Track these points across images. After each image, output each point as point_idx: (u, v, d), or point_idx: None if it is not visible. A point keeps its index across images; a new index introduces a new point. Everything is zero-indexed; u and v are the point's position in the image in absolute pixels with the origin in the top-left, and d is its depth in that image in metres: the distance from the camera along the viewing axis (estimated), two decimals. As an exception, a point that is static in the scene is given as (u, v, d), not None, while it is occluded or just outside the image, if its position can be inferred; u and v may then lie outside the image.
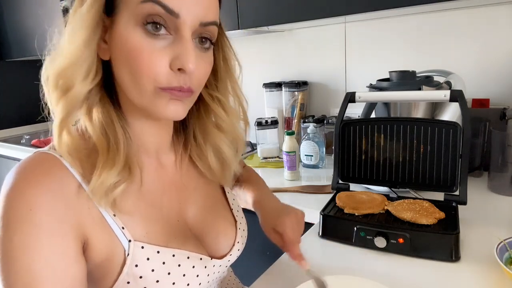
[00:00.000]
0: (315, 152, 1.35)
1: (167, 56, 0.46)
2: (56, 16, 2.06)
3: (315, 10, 1.19)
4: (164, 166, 0.61)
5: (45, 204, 0.45)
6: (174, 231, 0.56)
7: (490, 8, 1.20)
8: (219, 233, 0.63)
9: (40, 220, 0.44)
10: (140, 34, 0.45)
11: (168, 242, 0.54)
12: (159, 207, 0.57)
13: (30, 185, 0.45)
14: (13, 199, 0.44)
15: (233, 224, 0.67)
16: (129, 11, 0.45)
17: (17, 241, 0.43)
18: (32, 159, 0.48)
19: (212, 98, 0.59)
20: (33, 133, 2.53)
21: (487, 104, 1.17)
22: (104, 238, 0.49)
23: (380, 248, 0.76)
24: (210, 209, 0.65)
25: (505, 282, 0.64)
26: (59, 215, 0.45)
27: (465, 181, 0.82)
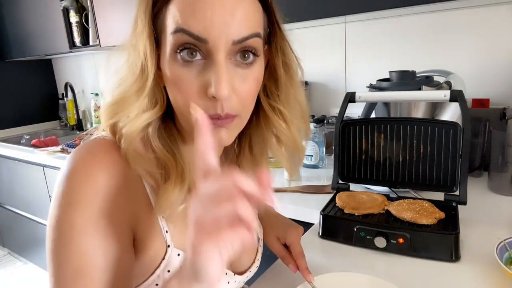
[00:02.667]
0: (315, 152, 1.34)
1: (201, 83, 0.45)
2: (56, 16, 2.06)
3: (315, 10, 1.19)
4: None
5: (111, 190, 0.45)
6: None
7: (490, 8, 1.20)
8: (243, 251, 0.63)
9: (104, 205, 0.44)
10: (177, 63, 0.45)
11: None
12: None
13: (100, 169, 0.45)
14: (80, 179, 0.44)
15: (255, 242, 0.66)
16: (166, 42, 0.46)
17: (77, 223, 0.43)
18: (100, 143, 0.48)
19: (273, 109, 0.55)
20: (33, 133, 2.54)
21: (487, 104, 1.17)
22: (153, 239, 0.49)
23: (380, 248, 0.76)
24: None
25: (505, 282, 0.64)
26: (121, 204, 0.46)
27: (465, 181, 0.82)
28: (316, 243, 0.84)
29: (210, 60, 0.45)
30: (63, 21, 2.04)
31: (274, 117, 0.54)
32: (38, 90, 2.75)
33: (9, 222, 2.49)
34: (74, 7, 2.01)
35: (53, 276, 0.44)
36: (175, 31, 0.44)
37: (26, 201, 2.25)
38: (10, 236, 2.58)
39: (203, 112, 0.41)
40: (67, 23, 2.05)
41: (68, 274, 0.43)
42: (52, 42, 2.16)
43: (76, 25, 2.03)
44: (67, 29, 2.05)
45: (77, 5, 2.02)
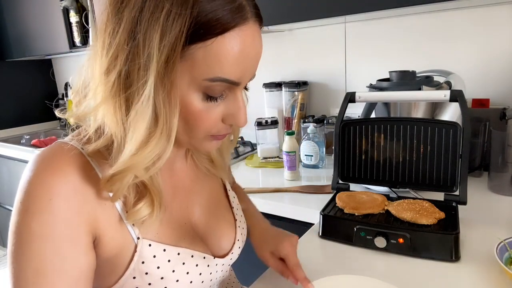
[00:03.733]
0: (315, 152, 1.35)
1: (222, 113, 0.50)
2: (56, 16, 2.06)
3: (315, 10, 1.19)
4: (176, 172, 0.63)
5: (65, 195, 0.46)
6: (182, 233, 0.59)
7: (490, 8, 1.20)
8: (221, 234, 0.65)
9: (58, 210, 0.45)
10: (200, 99, 0.47)
11: (177, 243, 0.57)
12: (170, 210, 0.59)
13: (53, 175, 0.46)
14: (35, 186, 0.45)
15: (233, 223, 0.68)
16: (192, 79, 0.46)
17: (34, 228, 0.45)
18: (56, 148, 0.49)
19: None
20: (33, 133, 2.53)
21: (487, 104, 1.17)
22: (117, 235, 0.51)
23: (380, 248, 0.76)
24: (213, 211, 0.66)
25: (505, 282, 0.64)
26: (76, 207, 0.46)
27: (465, 181, 0.82)
28: (316, 243, 0.84)
29: (230, 95, 0.49)
30: (63, 21, 2.04)
31: None
32: (38, 90, 2.75)
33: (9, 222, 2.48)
34: (74, 7, 2.01)
35: (14, 277, 0.45)
36: (215, 79, 0.45)
37: (26, 201, 2.25)
38: (10, 236, 2.58)
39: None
40: (67, 23, 2.05)
41: (29, 275, 0.45)
42: (52, 42, 2.16)
43: (76, 25, 2.03)
44: (67, 29, 2.05)
45: (77, 5, 2.02)
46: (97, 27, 0.48)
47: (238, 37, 0.44)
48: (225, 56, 0.44)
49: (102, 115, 0.48)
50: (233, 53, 0.45)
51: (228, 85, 0.47)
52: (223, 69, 0.45)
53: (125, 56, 0.44)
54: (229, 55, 0.45)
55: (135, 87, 0.44)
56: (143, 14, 0.43)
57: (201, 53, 0.44)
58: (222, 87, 0.47)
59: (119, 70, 0.44)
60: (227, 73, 0.46)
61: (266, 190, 1.19)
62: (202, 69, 0.45)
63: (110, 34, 0.45)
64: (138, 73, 0.44)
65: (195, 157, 0.66)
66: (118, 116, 0.46)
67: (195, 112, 0.48)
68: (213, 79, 0.45)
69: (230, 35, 0.44)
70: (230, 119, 0.50)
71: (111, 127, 0.47)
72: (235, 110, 0.50)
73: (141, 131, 0.45)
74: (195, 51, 0.44)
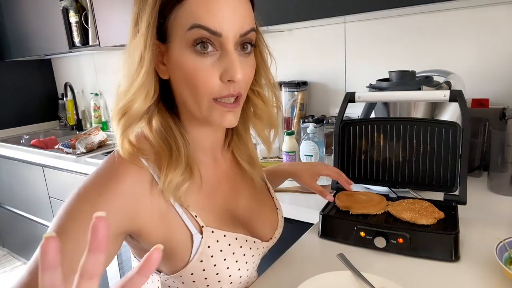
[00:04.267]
0: (314, 152, 1.34)
1: (217, 71, 0.54)
2: (56, 16, 2.06)
3: (315, 10, 1.19)
4: (219, 162, 0.69)
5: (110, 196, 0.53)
6: (225, 220, 0.65)
7: (490, 8, 1.20)
8: (265, 220, 0.72)
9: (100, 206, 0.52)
10: (192, 55, 0.53)
11: (221, 227, 0.63)
12: (214, 199, 0.65)
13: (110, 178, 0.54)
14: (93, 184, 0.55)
15: (275, 210, 0.76)
16: (179, 38, 0.53)
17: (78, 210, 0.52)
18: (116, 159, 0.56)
19: (252, 92, 0.65)
20: (32, 133, 2.53)
21: (486, 104, 1.17)
22: (164, 225, 0.58)
23: (380, 248, 0.76)
24: (256, 199, 0.73)
25: (505, 282, 0.64)
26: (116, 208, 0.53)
27: (465, 181, 0.82)
28: (316, 243, 0.84)
29: (222, 51, 0.54)
30: (63, 21, 2.04)
31: (253, 97, 0.65)
32: (37, 90, 2.75)
33: (9, 222, 2.49)
34: (73, 7, 2.01)
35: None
36: (191, 27, 0.51)
37: (26, 201, 2.25)
38: (9, 236, 2.58)
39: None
40: (66, 23, 2.05)
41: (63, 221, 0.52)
42: (52, 42, 2.16)
43: (75, 25, 2.03)
44: (66, 29, 2.05)
45: (77, 5, 2.02)
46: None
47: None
48: (199, 6, 0.51)
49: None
50: (205, 2, 0.51)
51: (209, 35, 0.52)
52: (199, 17, 0.51)
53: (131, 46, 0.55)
54: (203, 4, 0.51)
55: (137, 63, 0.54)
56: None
57: (180, 12, 0.52)
58: (201, 35, 0.52)
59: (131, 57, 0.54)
60: (203, 20, 0.51)
61: (266, 190, 1.19)
62: (183, 23, 0.52)
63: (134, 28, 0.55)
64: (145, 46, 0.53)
65: (236, 153, 0.72)
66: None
67: (191, 69, 0.53)
68: (191, 26, 0.51)
69: None
70: (225, 75, 0.54)
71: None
72: (229, 64, 0.53)
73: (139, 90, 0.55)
74: (176, 13, 0.52)
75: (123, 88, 0.55)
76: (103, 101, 2.54)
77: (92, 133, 1.98)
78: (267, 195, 0.78)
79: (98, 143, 1.97)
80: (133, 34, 0.55)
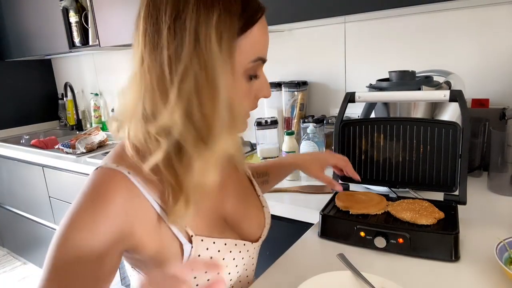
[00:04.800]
0: (315, 152, 1.34)
1: (255, 90, 0.59)
2: (56, 16, 2.06)
3: (315, 10, 1.19)
4: None
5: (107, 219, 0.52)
6: (214, 224, 0.66)
7: (490, 8, 1.20)
8: (251, 220, 0.72)
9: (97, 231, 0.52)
10: (244, 80, 0.56)
11: (210, 233, 0.63)
12: (204, 204, 0.64)
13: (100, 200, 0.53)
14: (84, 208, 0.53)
15: (261, 209, 0.76)
16: (240, 65, 0.54)
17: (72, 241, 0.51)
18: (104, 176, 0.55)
19: None
20: (32, 133, 2.54)
21: (486, 104, 1.17)
22: (157, 238, 0.58)
23: (380, 248, 0.76)
24: (242, 199, 0.73)
25: (505, 282, 0.64)
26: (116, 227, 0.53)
27: (465, 181, 0.82)
28: (315, 243, 0.84)
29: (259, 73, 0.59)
30: (63, 21, 2.04)
31: None
32: (37, 90, 2.75)
33: (9, 222, 2.49)
34: (73, 7, 2.01)
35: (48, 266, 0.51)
36: (256, 60, 0.56)
37: (26, 201, 2.25)
38: (9, 236, 2.58)
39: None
40: (66, 23, 2.05)
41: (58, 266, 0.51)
42: (52, 42, 2.16)
43: (75, 25, 2.03)
44: (66, 29, 2.05)
45: (77, 5, 2.02)
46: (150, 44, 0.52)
47: (262, 24, 0.56)
48: (259, 40, 0.56)
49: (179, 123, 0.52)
50: (262, 36, 0.56)
51: (260, 63, 0.57)
52: (260, 50, 0.56)
53: (196, 62, 0.50)
54: (262, 38, 0.56)
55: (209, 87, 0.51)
56: (200, 22, 0.50)
57: (245, 42, 0.54)
58: (258, 66, 0.57)
59: (192, 76, 0.50)
60: (262, 53, 0.57)
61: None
62: (247, 54, 0.54)
63: (177, 47, 0.50)
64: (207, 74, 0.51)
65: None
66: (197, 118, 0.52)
67: (242, 94, 0.57)
68: (255, 59, 0.55)
69: (259, 23, 0.55)
70: (259, 93, 0.59)
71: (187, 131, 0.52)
72: (263, 84, 0.59)
73: (220, 123, 0.52)
74: (240, 42, 0.53)
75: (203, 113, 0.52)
76: (103, 101, 2.54)
77: (92, 133, 1.99)
78: (253, 193, 0.78)
79: (98, 143, 1.97)
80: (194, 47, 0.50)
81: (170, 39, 0.50)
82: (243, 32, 0.53)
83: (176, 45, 0.50)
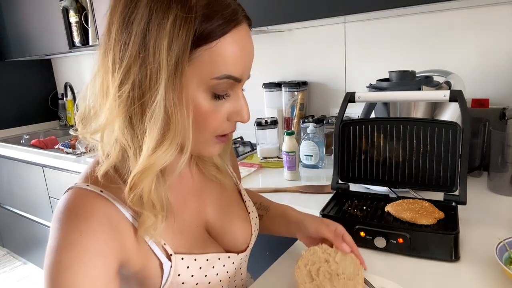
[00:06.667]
0: (314, 152, 1.35)
1: (227, 112, 0.54)
2: (56, 16, 2.06)
3: (315, 10, 1.19)
4: (184, 178, 0.65)
5: (92, 230, 0.49)
6: (195, 238, 0.63)
7: (490, 8, 1.20)
8: (236, 231, 0.68)
9: (87, 243, 0.49)
10: (208, 98, 0.51)
11: (191, 249, 0.60)
12: (182, 218, 0.62)
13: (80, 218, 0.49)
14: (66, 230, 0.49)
15: (247, 218, 0.71)
16: (200, 80, 0.49)
17: (65, 260, 0.48)
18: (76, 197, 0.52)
19: None
20: (32, 133, 2.53)
21: (486, 104, 1.17)
22: (140, 254, 0.55)
23: (380, 248, 0.76)
24: (225, 208, 0.69)
25: (505, 282, 0.64)
26: (103, 239, 0.50)
27: (465, 181, 0.82)
28: (315, 243, 0.84)
29: (233, 93, 0.53)
30: (63, 21, 2.04)
31: None
32: (37, 90, 2.75)
33: (9, 222, 2.48)
34: (73, 7, 2.01)
35: None
36: (222, 77, 0.50)
37: (26, 201, 2.25)
38: (9, 236, 2.58)
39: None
40: (66, 23, 2.05)
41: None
42: (52, 42, 2.16)
43: (75, 25, 2.03)
44: (66, 29, 2.05)
45: (77, 5, 2.02)
46: (103, 45, 0.50)
47: (236, 37, 0.50)
48: (228, 55, 0.49)
49: (117, 128, 0.49)
50: (234, 51, 0.50)
51: (232, 82, 0.51)
52: (228, 66, 0.50)
53: (138, 67, 0.47)
54: (232, 53, 0.49)
55: (148, 94, 0.47)
56: (151, 25, 0.46)
57: (207, 54, 0.48)
58: (228, 85, 0.51)
59: (132, 81, 0.47)
60: (231, 70, 0.50)
61: (266, 190, 1.19)
62: (209, 69, 0.49)
63: (121, 48, 0.47)
64: (150, 81, 0.47)
65: (201, 165, 0.68)
66: (135, 125, 0.49)
67: (204, 113, 0.51)
68: (219, 77, 0.49)
69: (230, 36, 0.49)
70: (234, 116, 0.54)
71: (126, 139, 0.50)
72: (239, 107, 0.54)
73: (155, 134, 0.48)
74: (201, 53, 0.48)
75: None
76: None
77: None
78: (238, 200, 0.73)
79: (98, 143, 1.96)
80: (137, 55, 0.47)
81: (117, 40, 0.48)
82: (205, 43, 0.47)
83: (120, 47, 0.47)
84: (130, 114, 0.49)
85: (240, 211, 0.72)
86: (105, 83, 0.49)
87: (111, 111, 0.48)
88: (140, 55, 0.46)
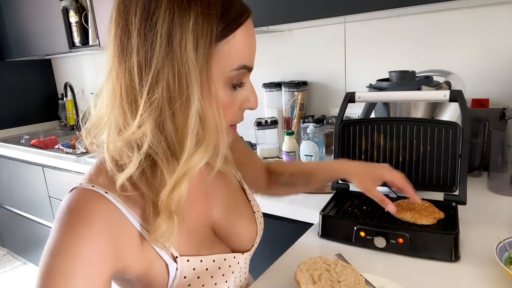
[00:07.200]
0: (314, 152, 1.35)
1: (240, 101, 0.55)
2: (56, 16, 2.06)
3: (315, 10, 1.19)
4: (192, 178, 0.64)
5: (90, 236, 0.48)
6: (202, 239, 0.62)
7: (490, 8, 1.20)
8: (242, 231, 0.68)
9: (81, 252, 0.47)
10: (227, 90, 0.53)
11: (197, 250, 0.60)
12: (189, 219, 0.61)
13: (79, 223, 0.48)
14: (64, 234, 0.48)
15: (252, 217, 0.71)
16: (220, 73, 0.51)
17: (57, 266, 0.47)
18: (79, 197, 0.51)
19: None
20: (32, 133, 2.54)
21: (486, 104, 1.17)
22: (143, 258, 0.54)
23: (380, 248, 0.76)
24: (232, 208, 0.69)
25: (505, 282, 0.64)
26: (101, 247, 0.49)
27: (465, 181, 0.82)
28: (316, 243, 0.84)
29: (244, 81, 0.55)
30: (63, 21, 2.04)
31: None
32: (37, 90, 2.75)
33: (9, 222, 2.48)
34: (73, 7, 2.01)
35: None
36: (239, 68, 0.51)
37: (26, 201, 2.25)
38: (9, 236, 2.58)
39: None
40: (66, 23, 2.05)
41: None
42: (52, 42, 2.16)
43: (75, 25, 2.03)
44: (66, 29, 2.05)
45: (77, 5, 2.02)
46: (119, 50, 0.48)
47: (248, 28, 0.52)
48: (243, 46, 0.51)
49: (148, 134, 0.48)
50: (247, 42, 0.52)
51: (245, 72, 0.53)
52: (243, 57, 0.52)
53: (167, 69, 0.46)
54: (246, 44, 0.52)
55: (181, 96, 0.47)
56: (174, 25, 0.46)
57: (226, 48, 0.50)
58: (242, 74, 0.53)
59: (163, 85, 0.46)
60: (246, 60, 0.52)
61: (266, 190, 1.19)
62: (229, 61, 0.50)
63: (147, 51, 0.46)
64: (180, 83, 0.47)
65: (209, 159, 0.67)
66: (167, 130, 0.48)
67: (225, 105, 0.52)
68: (238, 67, 0.51)
69: (243, 28, 0.51)
70: (245, 103, 0.56)
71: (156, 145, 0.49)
72: (249, 94, 0.55)
73: (192, 136, 0.49)
74: (221, 47, 0.49)
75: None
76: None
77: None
78: (243, 199, 0.73)
79: (98, 143, 1.97)
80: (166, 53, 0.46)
81: (140, 43, 0.46)
82: (224, 37, 0.49)
83: (146, 50, 0.46)
84: (162, 118, 0.48)
85: (246, 211, 0.72)
86: (130, 90, 0.48)
87: (142, 118, 0.47)
88: (169, 56, 0.46)
